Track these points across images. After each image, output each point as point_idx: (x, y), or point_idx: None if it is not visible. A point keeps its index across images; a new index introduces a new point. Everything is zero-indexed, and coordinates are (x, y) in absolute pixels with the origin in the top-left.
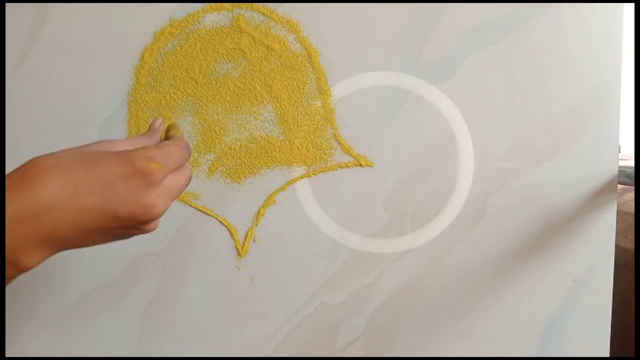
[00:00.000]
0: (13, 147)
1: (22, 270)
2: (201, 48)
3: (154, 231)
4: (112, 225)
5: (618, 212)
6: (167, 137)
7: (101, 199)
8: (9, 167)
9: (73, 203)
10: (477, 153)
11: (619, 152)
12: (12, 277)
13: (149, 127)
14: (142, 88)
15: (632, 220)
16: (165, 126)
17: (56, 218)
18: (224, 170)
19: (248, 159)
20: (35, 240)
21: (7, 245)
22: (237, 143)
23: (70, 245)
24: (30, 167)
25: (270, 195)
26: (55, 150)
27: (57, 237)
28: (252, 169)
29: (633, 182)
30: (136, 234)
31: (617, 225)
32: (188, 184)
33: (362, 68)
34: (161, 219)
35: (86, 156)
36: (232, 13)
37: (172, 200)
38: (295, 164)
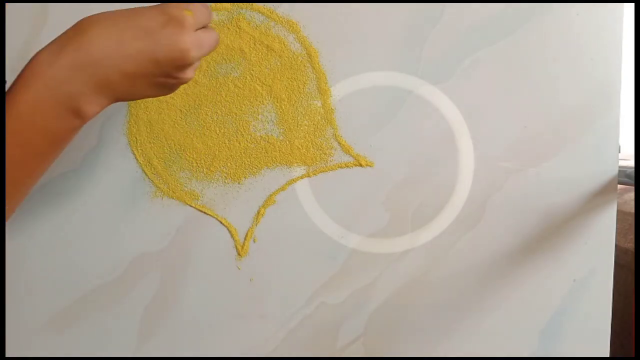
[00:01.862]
0: None
1: (84, 118)
2: None
3: (154, 231)
4: (154, 71)
5: (618, 212)
6: None
7: (144, 44)
8: None
9: (120, 50)
10: (477, 153)
11: (619, 152)
12: (76, 129)
13: None
14: None
15: (632, 220)
16: None
17: (107, 64)
18: (224, 170)
19: (248, 159)
20: (93, 86)
21: (70, 93)
22: (237, 143)
23: (121, 93)
24: (81, 24)
25: (270, 195)
26: None
27: (110, 83)
28: (252, 169)
29: (633, 182)
30: (175, 85)
31: (617, 225)
32: (216, 45)
33: (362, 68)
34: (161, 219)
35: (127, 10)
36: (232, 13)
37: (203, 54)
38: (295, 164)
